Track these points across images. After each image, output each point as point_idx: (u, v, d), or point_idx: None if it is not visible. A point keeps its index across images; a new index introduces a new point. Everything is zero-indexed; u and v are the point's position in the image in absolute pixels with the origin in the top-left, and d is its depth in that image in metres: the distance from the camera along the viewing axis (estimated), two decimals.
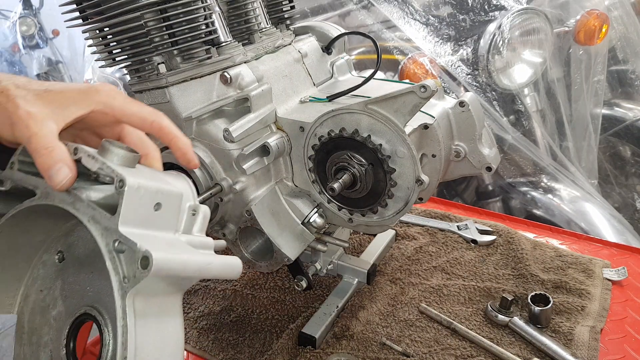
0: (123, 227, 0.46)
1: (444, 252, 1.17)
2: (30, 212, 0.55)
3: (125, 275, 0.45)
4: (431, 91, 0.68)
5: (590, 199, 1.72)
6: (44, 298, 0.62)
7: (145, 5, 0.73)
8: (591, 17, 1.82)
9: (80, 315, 0.57)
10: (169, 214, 0.51)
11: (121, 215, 0.46)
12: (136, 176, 0.48)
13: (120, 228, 0.46)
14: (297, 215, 0.85)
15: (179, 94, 0.78)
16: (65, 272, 0.61)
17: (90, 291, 0.58)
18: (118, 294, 0.45)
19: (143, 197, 0.48)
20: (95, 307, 0.56)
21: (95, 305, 0.56)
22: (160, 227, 0.50)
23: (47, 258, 0.63)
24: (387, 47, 1.83)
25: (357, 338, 0.94)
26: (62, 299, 0.61)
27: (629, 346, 0.89)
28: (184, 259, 0.47)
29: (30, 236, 0.60)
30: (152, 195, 0.49)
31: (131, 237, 0.45)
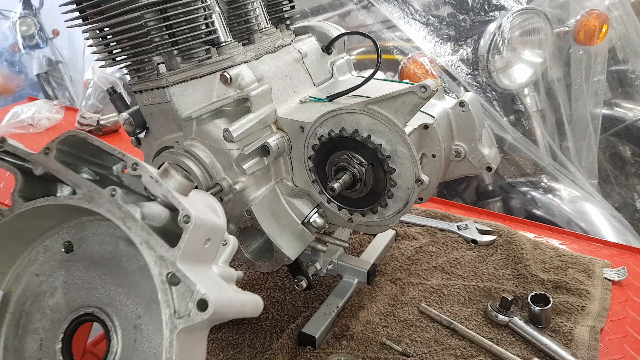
0: (180, 262, 0.46)
1: (444, 252, 1.16)
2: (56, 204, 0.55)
3: (176, 310, 0.46)
4: (431, 91, 0.68)
5: (590, 199, 1.72)
6: (39, 283, 0.61)
7: (145, 5, 0.73)
8: (591, 17, 1.82)
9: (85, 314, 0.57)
10: (213, 247, 0.52)
11: (182, 250, 0.47)
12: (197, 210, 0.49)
13: (179, 263, 0.46)
14: (297, 215, 0.85)
15: (179, 94, 0.78)
16: (72, 265, 0.60)
17: (100, 293, 0.57)
18: (167, 327, 0.45)
19: (201, 233, 0.49)
20: (104, 311, 0.56)
21: (105, 309, 0.56)
22: (204, 260, 0.51)
23: (51, 245, 0.62)
24: (387, 47, 1.83)
25: (357, 338, 0.93)
26: (63, 291, 0.60)
27: (629, 346, 0.89)
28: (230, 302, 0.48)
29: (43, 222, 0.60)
30: (207, 231, 0.50)
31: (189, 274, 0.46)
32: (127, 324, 0.54)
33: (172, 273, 0.46)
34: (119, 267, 0.56)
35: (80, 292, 0.58)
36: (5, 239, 0.59)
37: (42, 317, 0.60)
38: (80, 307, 0.57)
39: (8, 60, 4.22)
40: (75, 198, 0.53)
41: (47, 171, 0.55)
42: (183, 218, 0.47)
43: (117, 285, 0.56)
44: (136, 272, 0.55)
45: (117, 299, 0.56)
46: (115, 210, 0.50)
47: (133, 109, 0.87)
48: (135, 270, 0.55)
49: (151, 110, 0.83)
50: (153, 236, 0.48)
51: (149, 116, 0.85)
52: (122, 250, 0.57)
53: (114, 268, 0.57)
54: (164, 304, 0.46)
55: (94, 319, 0.56)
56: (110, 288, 0.57)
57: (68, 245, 0.60)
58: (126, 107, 0.89)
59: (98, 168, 0.59)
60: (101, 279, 0.57)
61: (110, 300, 0.56)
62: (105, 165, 0.58)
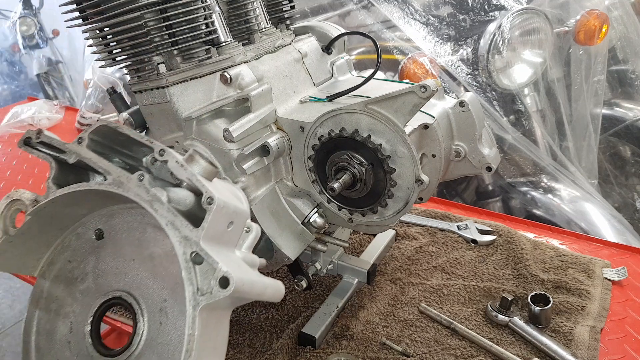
0: (204, 241, 0.48)
1: (444, 252, 1.16)
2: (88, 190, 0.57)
3: (199, 288, 0.47)
4: (431, 91, 0.68)
5: (590, 199, 1.72)
6: (71, 269, 0.64)
7: (145, 5, 0.73)
8: (591, 17, 1.82)
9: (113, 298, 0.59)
10: (236, 231, 0.54)
11: (205, 230, 0.49)
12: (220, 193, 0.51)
13: (202, 243, 0.48)
14: (297, 215, 0.85)
15: (179, 94, 0.78)
16: (103, 251, 0.62)
17: (127, 277, 0.59)
18: (190, 304, 0.47)
19: (224, 216, 0.51)
20: (132, 295, 0.58)
21: (132, 293, 0.58)
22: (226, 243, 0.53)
23: (83, 232, 0.64)
24: (387, 47, 1.83)
25: (357, 338, 0.93)
26: (93, 276, 0.62)
27: (629, 346, 0.89)
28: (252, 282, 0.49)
29: (75, 208, 0.62)
30: (230, 214, 0.52)
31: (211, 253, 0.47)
32: (153, 307, 0.56)
33: (196, 252, 0.48)
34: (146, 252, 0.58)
35: (110, 277, 0.61)
36: (41, 225, 0.61)
37: (73, 301, 0.62)
38: (109, 291, 0.60)
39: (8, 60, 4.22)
40: (105, 183, 0.55)
41: (79, 159, 0.57)
42: (206, 200, 0.49)
43: (144, 269, 0.58)
44: (162, 257, 0.57)
45: (144, 283, 0.58)
46: (143, 193, 0.52)
47: (133, 109, 0.87)
48: (162, 255, 0.58)
49: (151, 110, 0.83)
50: (178, 217, 0.50)
51: (149, 116, 0.85)
52: (149, 236, 0.59)
53: (141, 253, 0.59)
54: (187, 282, 0.47)
55: (121, 302, 0.58)
56: (137, 272, 0.59)
57: (99, 232, 0.63)
58: (126, 107, 0.89)
59: (128, 159, 0.60)
60: (129, 264, 0.60)
61: (137, 284, 0.58)
62: (135, 156, 0.60)
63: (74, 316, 0.62)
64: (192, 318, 0.47)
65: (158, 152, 0.54)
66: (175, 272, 0.56)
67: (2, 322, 2.47)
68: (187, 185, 0.53)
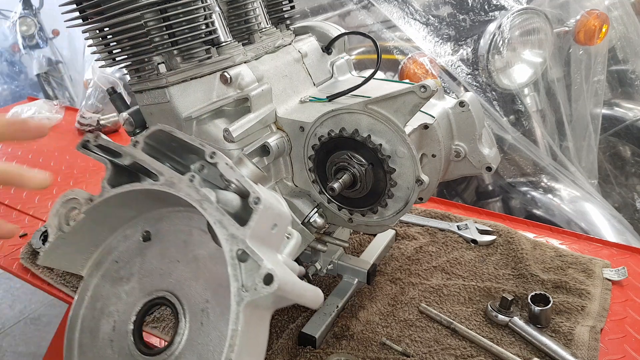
0: (250, 240, 0.50)
1: (444, 252, 1.17)
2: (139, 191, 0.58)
3: (244, 284, 0.48)
4: (431, 91, 0.68)
5: (590, 199, 1.72)
6: (118, 270, 0.65)
7: (145, 5, 0.73)
8: (591, 17, 1.82)
9: (157, 298, 0.60)
10: (279, 235, 0.55)
11: (252, 229, 0.50)
12: (266, 195, 0.52)
13: (248, 241, 0.49)
14: (297, 215, 0.85)
15: (179, 94, 0.78)
16: (149, 253, 0.64)
17: (172, 278, 0.60)
18: (235, 299, 0.48)
19: (269, 217, 0.52)
20: (175, 295, 0.59)
21: (176, 293, 0.59)
22: (269, 245, 0.54)
23: (131, 233, 0.66)
24: (387, 47, 1.83)
25: (357, 338, 0.94)
26: (138, 277, 0.63)
27: (629, 346, 0.89)
28: (294, 283, 0.50)
29: (125, 210, 0.63)
30: (275, 215, 0.53)
31: (257, 251, 0.49)
32: (195, 308, 0.58)
33: (242, 250, 0.49)
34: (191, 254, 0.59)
35: (154, 278, 0.62)
36: (92, 224, 0.63)
37: (118, 301, 0.64)
38: (153, 291, 0.61)
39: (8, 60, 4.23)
40: (157, 183, 0.56)
41: (134, 161, 0.59)
42: (254, 200, 0.51)
43: (189, 271, 0.60)
44: (207, 259, 0.59)
45: (187, 283, 0.59)
46: (194, 193, 0.54)
47: (133, 109, 0.87)
48: (206, 256, 0.59)
49: (151, 110, 0.83)
50: (226, 216, 0.51)
51: (149, 116, 0.85)
52: (195, 238, 0.61)
53: (186, 255, 0.61)
54: (232, 279, 0.48)
55: (165, 302, 0.60)
56: (181, 274, 0.60)
57: (146, 234, 0.64)
58: (126, 107, 0.89)
59: (177, 165, 0.62)
60: (174, 265, 0.61)
61: (180, 285, 0.59)
62: (184, 163, 0.62)
63: (117, 315, 0.63)
64: (236, 314, 0.48)
65: (209, 155, 0.55)
66: (218, 274, 0.57)
67: (2, 322, 2.47)
68: (235, 187, 0.54)
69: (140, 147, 0.60)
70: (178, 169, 0.61)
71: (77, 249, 0.65)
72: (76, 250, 0.65)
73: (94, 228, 0.64)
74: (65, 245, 0.63)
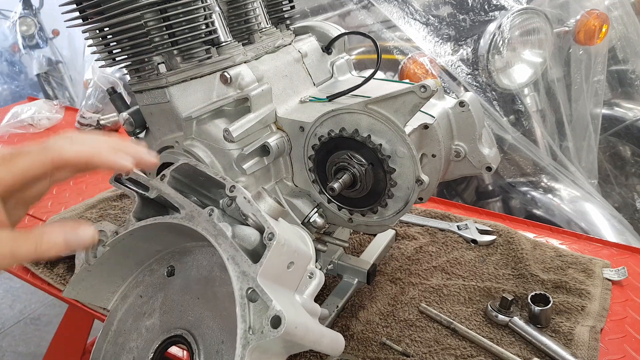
0: (261, 278, 0.47)
1: (444, 252, 1.16)
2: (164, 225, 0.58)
3: (251, 326, 0.46)
4: (431, 91, 0.68)
5: (590, 199, 1.72)
6: (141, 305, 0.64)
7: (145, 5, 0.73)
8: (591, 17, 1.82)
9: (174, 336, 0.59)
10: (297, 274, 0.53)
11: (263, 266, 0.48)
12: (283, 232, 0.50)
13: (259, 279, 0.47)
14: (297, 215, 0.85)
15: (179, 94, 0.78)
16: (171, 289, 0.63)
17: (191, 316, 0.59)
18: (240, 342, 0.46)
19: (284, 254, 0.50)
20: (192, 333, 0.57)
21: (192, 332, 0.57)
22: (285, 285, 0.52)
23: (157, 268, 0.65)
24: (387, 47, 1.83)
25: (357, 338, 0.93)
26: (160, 313, 0.62)
27: (629, 346, 0.89)
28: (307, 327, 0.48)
29: (151, 244, 0.63)
30: (291, 253, 0.51)
31: (267, 290, 0.46)
32: (210, 348, 0.56)
33: (252, 289, 0.47)
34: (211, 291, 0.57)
35: (174, 314, 0.61)
36: (118, 257, 0.63)
37: (138, 336, 0.63)
38: (172, 329, 0.60)
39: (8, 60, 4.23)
40: (178, 217, 0.56)
41: (159, 194, 0.59)
42: (267, 235, 0.49)
43: (207, 309, 0.58)
44: (225, 297, 0.57)
45: (205, 322, 0.57)
46: (210, 228, 0.53)
47: (133, 108, 0.87)
48: (225, 295, 0.57)
49: (151, 110, 0.83)
50: (239, 252, 0.50)
51: (149, 116, 0.85)
52: (215, 275, 0.59)
53: (206, 292, 0.59)
54: (240, 319, 0.46)
55: (181, 340, 0.58)
56: (200, 311, 0.59)
57: (171, 269, 0.64)
58: (126, 107, 0.89)
59: (207, 200, 0.62)
60: (194, 302, 0.60)
61: (199, 323, 0.58)
62: (214, 198, 0.61)
63: (137, 351, 0.62)
64: (241, 358, 0.45)
65: (229, 188, 0.55)
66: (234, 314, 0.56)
67: (2, 322, 2.47)
68: (253, 221, 0.53)
69: (166, 180, 0.60)
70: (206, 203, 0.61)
71: (103, 282, 0.64)
72: (102, 283, 0.64)
73: (120, 261, 0.63)
74: (91, 278, 0.63)
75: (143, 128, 0.88)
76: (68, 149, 0.50)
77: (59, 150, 0.49)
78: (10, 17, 4.04)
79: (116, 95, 0.89)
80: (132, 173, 0.62)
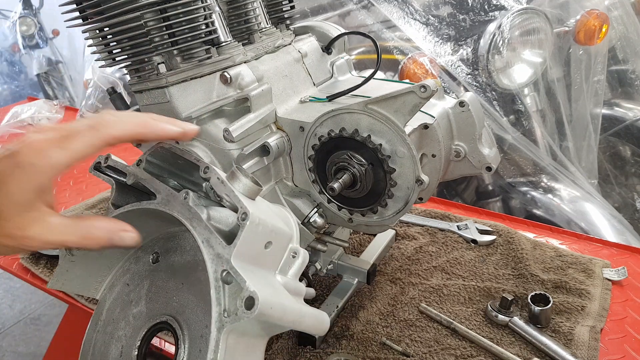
0: (235, 259, 0.46)
1: (444, 252, 1.17)
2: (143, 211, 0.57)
3: (226, 309, 0.45)
4: (431, 91, 0.68)
5: (590, 199, 1.72)
6: (128, 293, 0.64)
7: (145, 5, 0.73)
8: (591, 17, 1.82)
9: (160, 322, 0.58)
10: (276, 253, 0.52)
11: (237, 247, 0.47)
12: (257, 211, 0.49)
13: (233, 260, 0.46)
14: (297, 215, 0.85)
15: (178, 94, 0.78)
16: (156, 275, 0.62)
17: (175, 301, 0.58)
18: (215, 325, 0.45)
19: (259, 234, 0.49)
20: (176, 319, 0.56)
21: (177, 317, 0.57)
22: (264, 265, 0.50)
23: (142, 255, 0.65)
24: (387, 47, 1.83)
25: (357, 338, 0.94)
26: (146, 300, 0.62)
27: (629, 346, 0.89)
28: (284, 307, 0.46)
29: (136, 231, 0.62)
30: (267, 233, 0.50)
31: (241, 272, 0.45)
32: (194, 333, 0.55)
33: (227, 271, 0.46)
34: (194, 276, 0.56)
35: (160, 301, 0.60)
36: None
37: (126, 325, 0.62)
38: (157, 315, 0.59)
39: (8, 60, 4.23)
40: (154, 202, 0.55)
41: (136, 180, 0.58)
42: (241, 215, 0.48)
43: (191, 293, 0.57)
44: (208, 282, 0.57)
45: (189, 307, 0.57)
46: (185, 211, 0.52)
47: (133, 109, 0.87)
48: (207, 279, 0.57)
49: (151, 110, 0.83)
50: (214, 235, 0.49)
51: None
52: (198, 259, 0.58)
53: (190, 277, 0.58)
54: (215, 302, 0.45)
55: (167, 326, 0.57)
56: (184, 296, 0.58)
57: (156, 256, 0.63)
58: (126, 107, 0.89)
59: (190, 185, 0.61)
60: (178, 287, 0.59)
61: (183, 308, 0.57)
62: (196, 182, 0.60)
63: (125, 339, 0.61)
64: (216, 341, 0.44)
65: (203, 170, 0.54)
66: None
67: (2, 322, 2.47)
68: (228, 202, 0.52)
69: (142, 165, 0.59)
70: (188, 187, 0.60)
71: (89, 272, 0.64)
72: (88, 273, 0.64)
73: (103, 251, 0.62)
74: (76, 268, 0.62)
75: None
76: (118, 127, 0.50)
77: (109, 129, 0.50)
78: (10, 17, 4.04)
79: (116, 95, 0.89)
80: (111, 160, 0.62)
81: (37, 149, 0.47)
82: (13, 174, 0.46)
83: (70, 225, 0.49)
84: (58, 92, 4.05)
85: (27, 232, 0.47)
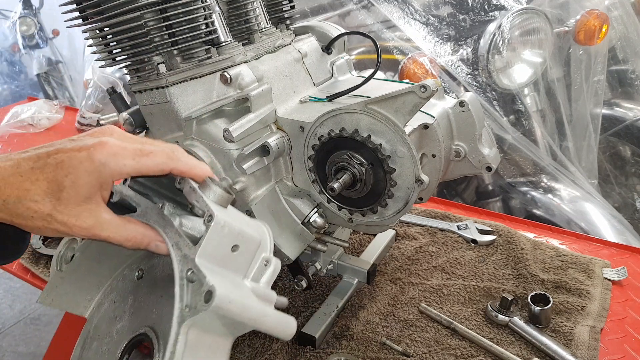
0: (200, 258, 0.47)
1: (444, 252, 1.17)
2: None
3: (187, 304, 0.46)
4: (431, 91, 0.68)
5: (590, 199, 1.72)
6: (114, 309, 0.65)
7: (145, 5, 0.73)
8: (591, 17, 1.82)
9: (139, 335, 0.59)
10: (243, 258, 0.52)
11: (201, 247, 0.48)
12: (224, 215, 0.50)
13: (197, 259, 0.47)
14: (297, 215, 0.85)
15: (178, 94, 0.78)
16: (140, 290, 0.63)
17: (155, 313, 0.59)
18: (176, 320, 0.45)
19: (225, 236, 0.50)
20: (154, 330, 0.57)
21: (154, 328, 0.57)
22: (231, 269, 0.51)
23: (128, 273, 0.66)
24: (387, 47, 1.83)
25: (357, 338, 0.94)
26: (129, 315, 0.63)
27: (629, 346, 0.89)
28: (244, 304, 0.47)
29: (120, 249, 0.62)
30: (233, 235, 0.50)
31: (203, 269, 0.46)
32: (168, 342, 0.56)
33: (192, 270, 0.47)
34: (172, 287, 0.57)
35: (141, 315, 0.61)
36: (91, 262, 0.64)
37: (110, 340, 0.63)
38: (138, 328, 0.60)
39: (8, 60, 4.23)
40: (134, 215, 0.57)
41: (122, 197, 0.60)
42: (207, 218, 0.49)
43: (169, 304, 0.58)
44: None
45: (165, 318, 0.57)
46: (160, 220, 0.54)
47: (133, 108, 0.87)
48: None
49: (151, 110, 0.83)
50: (182, 238, 0.51)
51: (149, 116, 0.85)
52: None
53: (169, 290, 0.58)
54: (178, 299, 0.46)
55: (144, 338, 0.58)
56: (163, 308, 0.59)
57: (140, 273, 0.65)
58: (126, 107, 0.89)
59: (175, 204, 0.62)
60: (158, 300, 0.60)
61: (160, 320, 0.58)
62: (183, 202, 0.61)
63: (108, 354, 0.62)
64: (176, 335, 0.44)
65: (178, 181, 0.56)
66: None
67: (2, 322, 2.47)
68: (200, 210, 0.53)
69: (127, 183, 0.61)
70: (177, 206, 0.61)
71: (78, 289, 0.65)
72: (77, 290, 0.65)
73: (93, 267, 0.64)
74: (65, 284, 0.63)
75: (143, 128, 0.88)
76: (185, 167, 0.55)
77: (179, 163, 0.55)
78: (10, 17, 4.04)
79: (116, 95, 0.89)
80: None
81: (113, 152, 0.51)
82: (84, 166, 0.50)
83: (120, 225, 0.54)
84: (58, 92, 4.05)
85: (80, 222, 0.51)
